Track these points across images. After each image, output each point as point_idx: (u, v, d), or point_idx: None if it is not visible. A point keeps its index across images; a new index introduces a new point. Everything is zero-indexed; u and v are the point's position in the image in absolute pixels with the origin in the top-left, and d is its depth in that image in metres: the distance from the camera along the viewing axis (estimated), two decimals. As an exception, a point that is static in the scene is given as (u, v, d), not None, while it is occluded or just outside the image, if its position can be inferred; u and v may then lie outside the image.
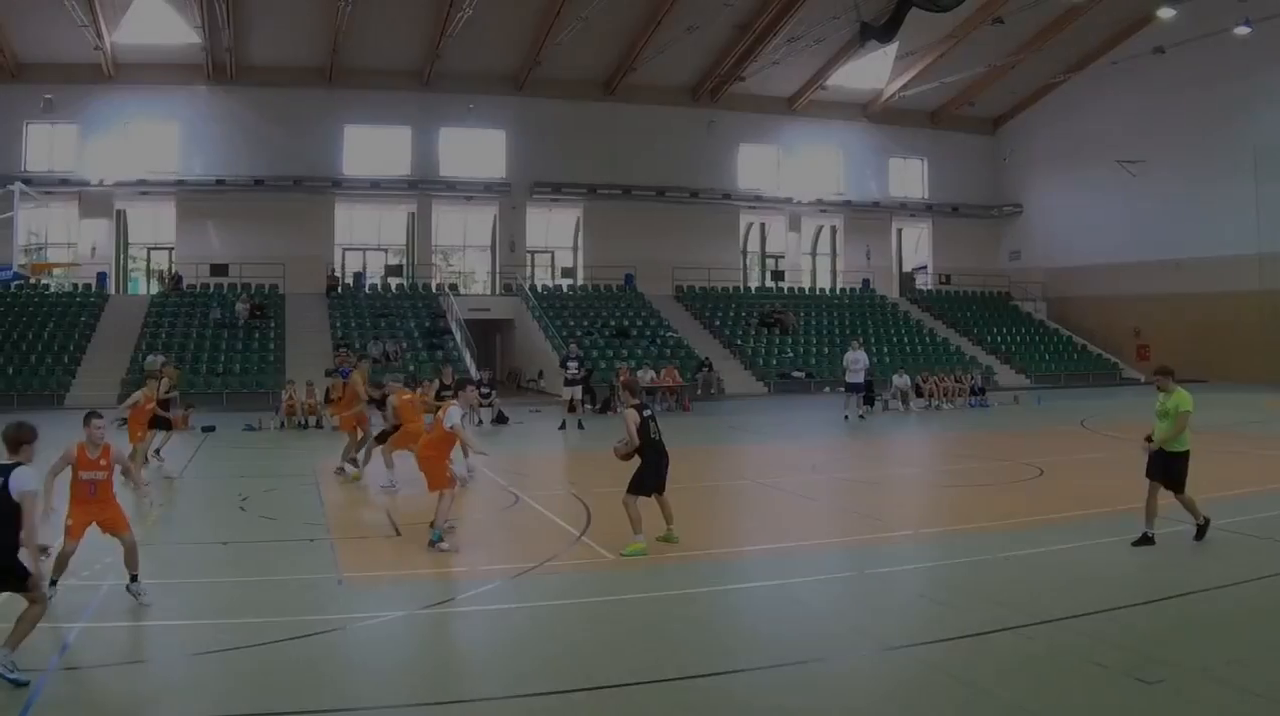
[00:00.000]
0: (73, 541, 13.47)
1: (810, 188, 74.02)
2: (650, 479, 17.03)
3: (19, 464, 11.27)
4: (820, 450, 32.87)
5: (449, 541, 16.98)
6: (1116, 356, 69.31)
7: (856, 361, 42.55)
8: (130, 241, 67.02)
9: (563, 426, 38.77)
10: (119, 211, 64.39)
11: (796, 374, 59.70)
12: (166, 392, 29.00)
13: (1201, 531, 16.72)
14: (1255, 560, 16.03)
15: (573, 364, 41.62)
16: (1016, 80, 71.09)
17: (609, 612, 13.57)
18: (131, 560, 13.68)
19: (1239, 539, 17.29)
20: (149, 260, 68.25)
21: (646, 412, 17.27)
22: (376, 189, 66.78)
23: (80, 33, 55.99)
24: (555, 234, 72.49)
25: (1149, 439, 17.00)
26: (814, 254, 78.22)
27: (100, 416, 14.23)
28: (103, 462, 13.71)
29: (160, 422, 26.76)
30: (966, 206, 77.91)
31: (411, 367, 50.70)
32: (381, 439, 24.58)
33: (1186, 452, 16.69)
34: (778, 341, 63.83)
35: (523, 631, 12.95)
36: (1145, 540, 16.51)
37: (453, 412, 17.87)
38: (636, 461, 17.10)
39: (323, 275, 63.75)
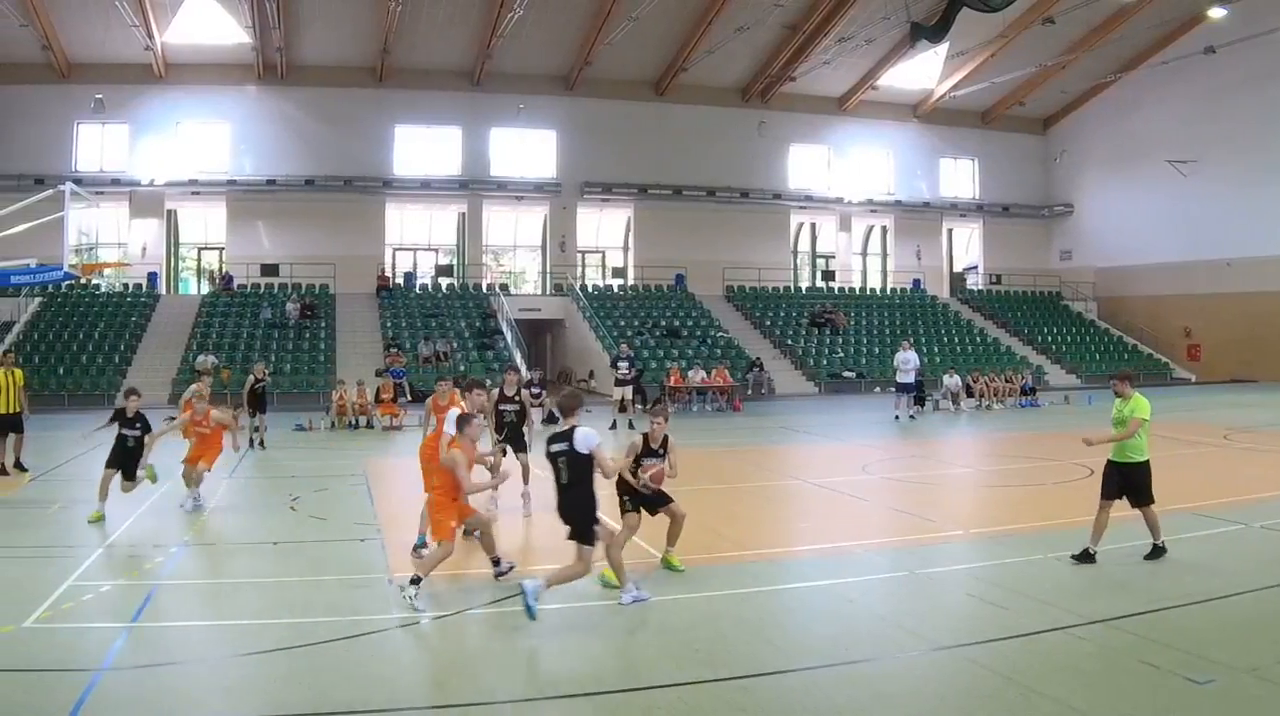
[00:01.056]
0: None
1: (861, 188, 72.16)
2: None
3: (574, 427, 13.29)
4: (871, 450, 31.64)
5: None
6: (1167, 356, 67.46)
7: (907, 361, 41.33)
8: (181, 241, 65.69)
9: (614, 426, 37.55)
10: (170, 211, 63.00)
11: (847, 374, 57.95)
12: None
13: (1157, 552, 15.51)
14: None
15: (623, 364, 40.85)
16: (1067, 80, 68.65)
17: (659, 612, 13.16)
18: None
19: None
20: (199, 260, 66.79)
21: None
22: (427, 189, 65.21)
23: (131, 32, 55.09)
24: (606, 234, 70.70)
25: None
26: (864, 254, 76.15)
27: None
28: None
29: None
30: (1017, 206, 75.78)
31: (462, 368, 49.51)
32: None
33: (1145, 463, 15.81)
34: (828, 341, 61.96)
35: (573, 631, 12.62)
36: (1086, 557, 15.25)
37: (450, 417, 16.20)
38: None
39: (373, 275, 62.24)
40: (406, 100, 63.37)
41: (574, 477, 13.26)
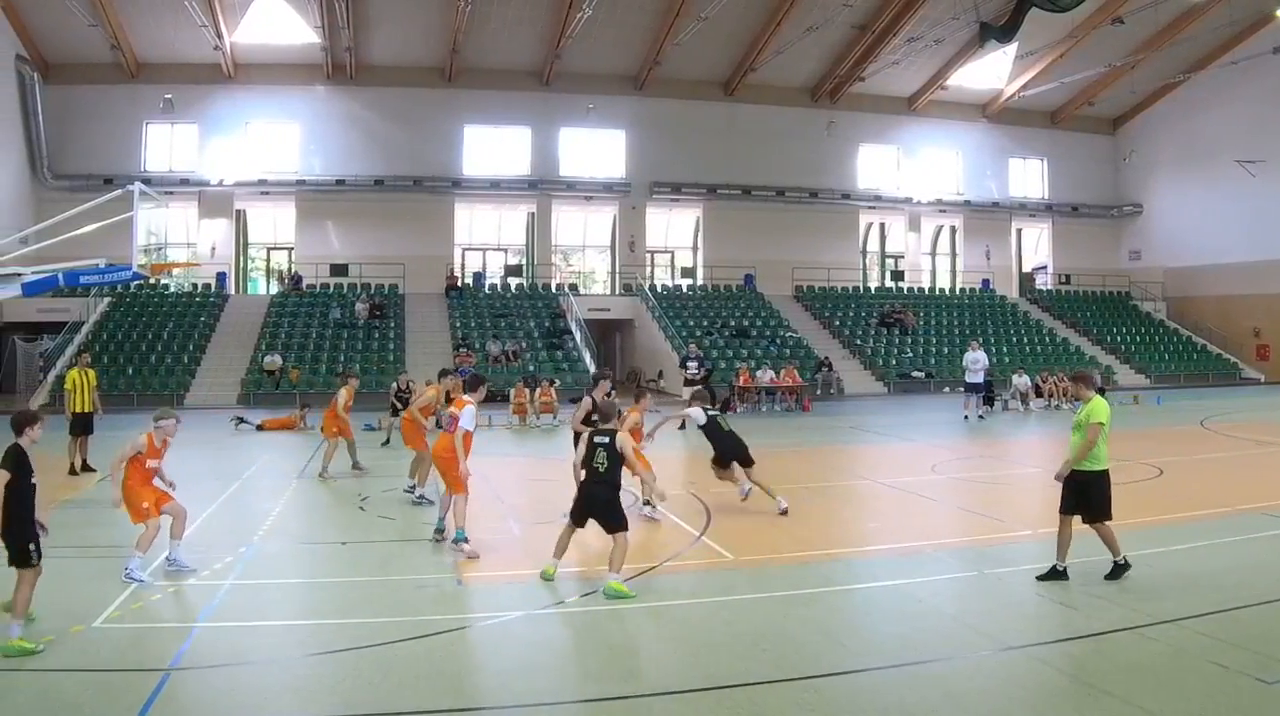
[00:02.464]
0: None
1: (930, 188, 69.65)
2: (574, 504, 14.83)
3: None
4: (940, 450, 30.61)
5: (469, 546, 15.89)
6: (1236, 356, 64.70)
7: (976, 361, 40.27)
8: (250, 241, 64.10)
9: (682, 426, 34.22)
10: (239, 211, 61.57)
11: (916, 374, 55.79)
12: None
13: (1117, 570, 13.97)
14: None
15: (692, 364, 40.22)
16: (1136, 80, 65.54)
17: (729, 613, 12.83)
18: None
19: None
20: (268, 260, 65.04)
21: (602, 441, 14.60)
22: (496, 189, 63.30)
23: (200, 33, 53.72)
24: (675, 234, 68.29)
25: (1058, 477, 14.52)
26: (933, 254, 73.37)
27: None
28: None
29: None
30: (1086, 206, 72.73)
31: (531, 367, 48.12)
32: None
33: (1103, 472, 14.27)
34: (897, 341, 59.66)
35: (642, 632, 12.44)
36: (1055, 574, 13.99)
37: (468, 413, 16.54)
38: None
39: (442, 275, 60.60)
40: (476, 100, 61.53)
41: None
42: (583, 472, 14.60)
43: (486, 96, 61.52)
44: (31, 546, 11.14)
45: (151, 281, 53.83)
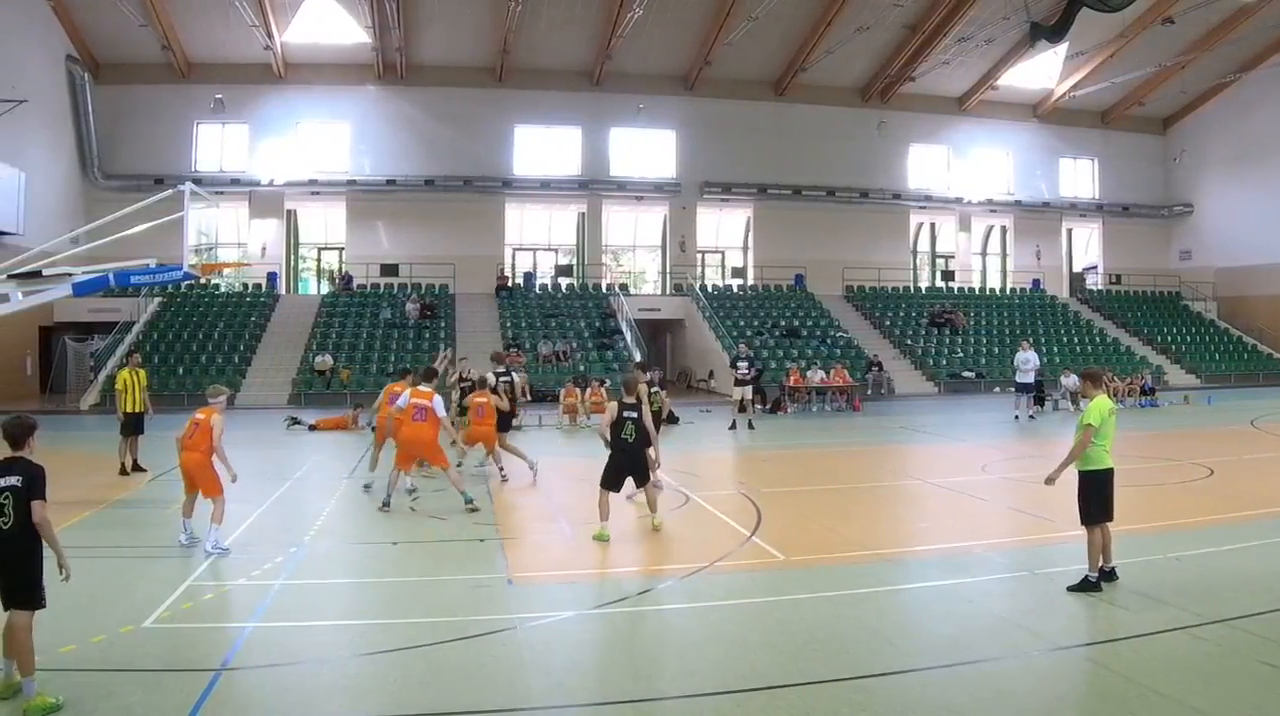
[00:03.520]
0: None
1: (980, 188, 67.52)
2: (609, 474, 17.04)
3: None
4: (990, 450, 30.09)
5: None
6: (1288, 356, 62.32)
7: (1027, 361, 39.54)
8: (300, 241, 62.63)
9: (733, 426, 35.98)
10: (289, 211, 60.46)
11: (966, 374, 54.04)
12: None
13: (1084, 584, 13.24)
14: None
15: (743, 364, 38.23)
16: (1187, 80, 63.67)
17: (780, 613, 12.55)
18: None
19: None
20: (319, 260, 63.55)
21: (630, 414, 17.05)
22: (547, 189, 61.82)
23: (250, 33, 53.11)
24: (725, 234, 66.24)
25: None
26: (984, 254, 71.37)
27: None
28: None
29: None
30: (1137, 206, 70.41)
31: (581, 368, 47.03)
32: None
33: (1093, 473, 13.50)
34: (948, 341, 57.83)
35: (693, 631, 12.14)
36: (1106, 577, 13.40)
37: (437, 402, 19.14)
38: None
39: (493, 275, 59.32)
40: (526, 100, 60.11)
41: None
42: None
43: (537, 96, 60.22)
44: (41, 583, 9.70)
45: (202, 281, 53.56)
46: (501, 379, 25.97)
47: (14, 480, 9.48)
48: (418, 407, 19.05)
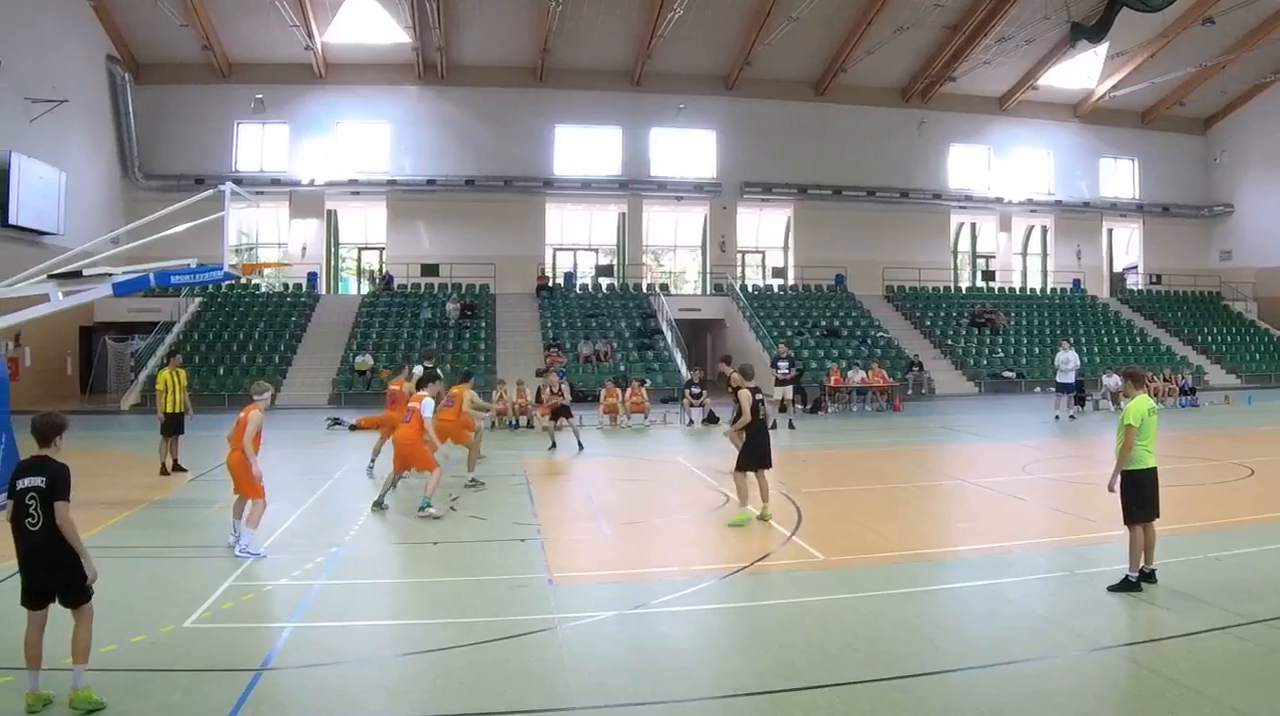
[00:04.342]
0: None
1: (1021, 188, 65.90)
2: (757, 454, 17.62)
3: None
4: (1031, 450, 29.57)
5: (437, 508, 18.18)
6: (1328, 357, 60.32)
7: (1067, 361, 38.66)
8: (341, 241, 61.51)
9: (773, 426, 33.23)
10: (330, 211, 59.30)
11: (1007, 374, 52.68)
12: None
13: (1124, 584, 12.94)
14: None
15: (783, 364, 38.39)
16: (1227, 80, 62.58)
17: (820, 613, 12.33)
18: None
19: None
20: (359, 260, 62.48)
21: (759, 396, 17.78)
22: (587, 189, 60.56)
23: (291, 33, 52.06)
24: (766, 234, 64.80)
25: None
26: (1024, 254, 69.79)
27: None
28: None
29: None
30: (1177, 206, 68.73)
31: (622, 368, 46.69)
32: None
33: (1135, 473, 13.23)
34: (988, 341, 56.33)
35: (733, 631, 12.10)
36: (1146, 578, 13.09)
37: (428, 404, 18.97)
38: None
39: (533, 275, 58.04)
40: (566, 100, 59.03)
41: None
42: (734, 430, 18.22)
43: (577, 96, 59.13)
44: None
45: (243, 281, 52.97)
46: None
47: (38, 481, 9.23)
48: (412, 410, 18.95)
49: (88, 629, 9.32)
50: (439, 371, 26.30)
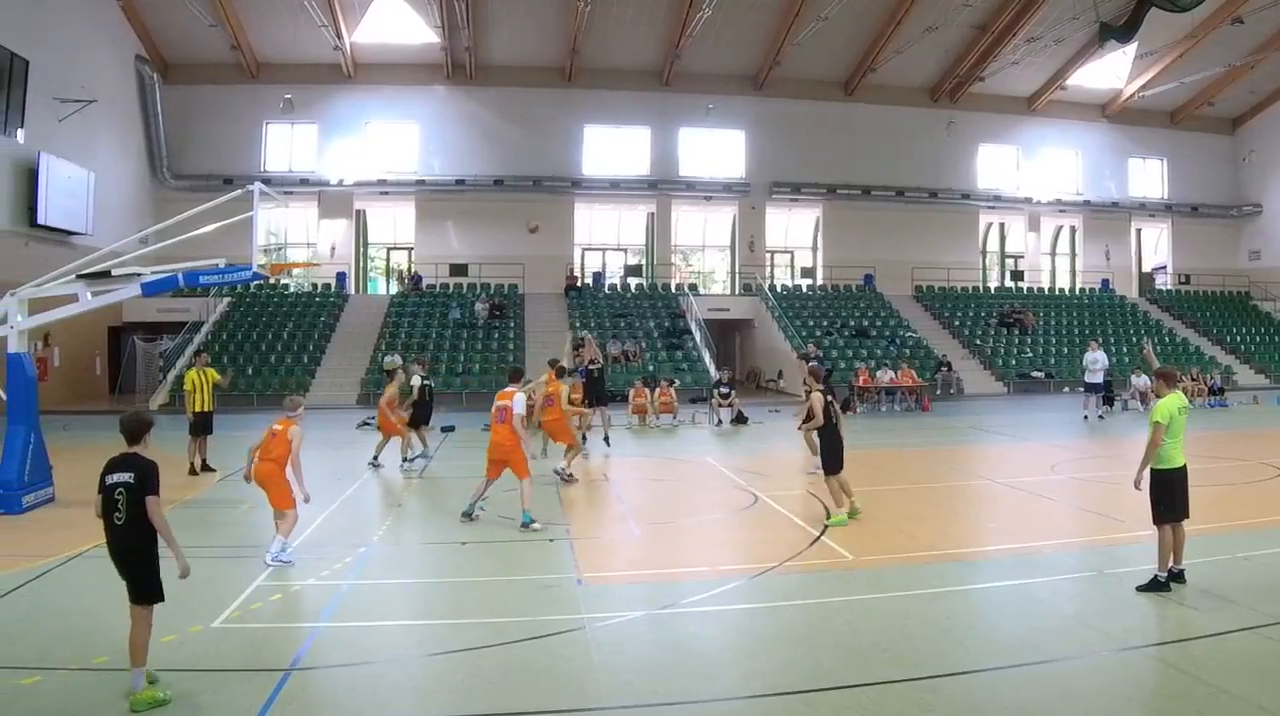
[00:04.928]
0: None
1: (1049, 188, 64.83)
2: (839, 456, 17.49)
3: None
4: (1059, 450, 29.10)
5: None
6: (1357, 358, 58.69)
7: (1095, 361, 38.47)
8: (369, 241, 60.40)
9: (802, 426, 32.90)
10: (358, 211, 58.40)
11: (1036, 374, 51.67)
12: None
13: (1153, 584, 12.81)
14: None
15: (813, 364, 35.25)
16: (1256, 80, 61.30)
17: (848, 613, 12.18)
18: None
19: None
20: (388, 260, 61.19)
21: (829, 398, 17.81)
22: (616, 189, 59.38)
23: (320, 33, 51.20)
24: (794, 234, 63.55)
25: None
26: (1053, 254, 68.56)
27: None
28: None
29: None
30: (1206, 206, 67.40)
31: (651, 368, 45.90)
32: None
33: (1163, 472, 13.02)
34: (1017, 341, 55.22)
35: (762, 631, 11.80)
36: (1175, 577, 12.95)
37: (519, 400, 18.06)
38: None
39: (562, 275, 57.04)
40: (595, 100, 58.00)
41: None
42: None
43: (606, 96, 58.11)
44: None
45: (271, 281, 51.99)
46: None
47: (128, 476, 9.40)
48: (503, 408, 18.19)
49: (146, 630, 9.41)
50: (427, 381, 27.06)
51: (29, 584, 13.19)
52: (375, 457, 24.15)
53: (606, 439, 28.49)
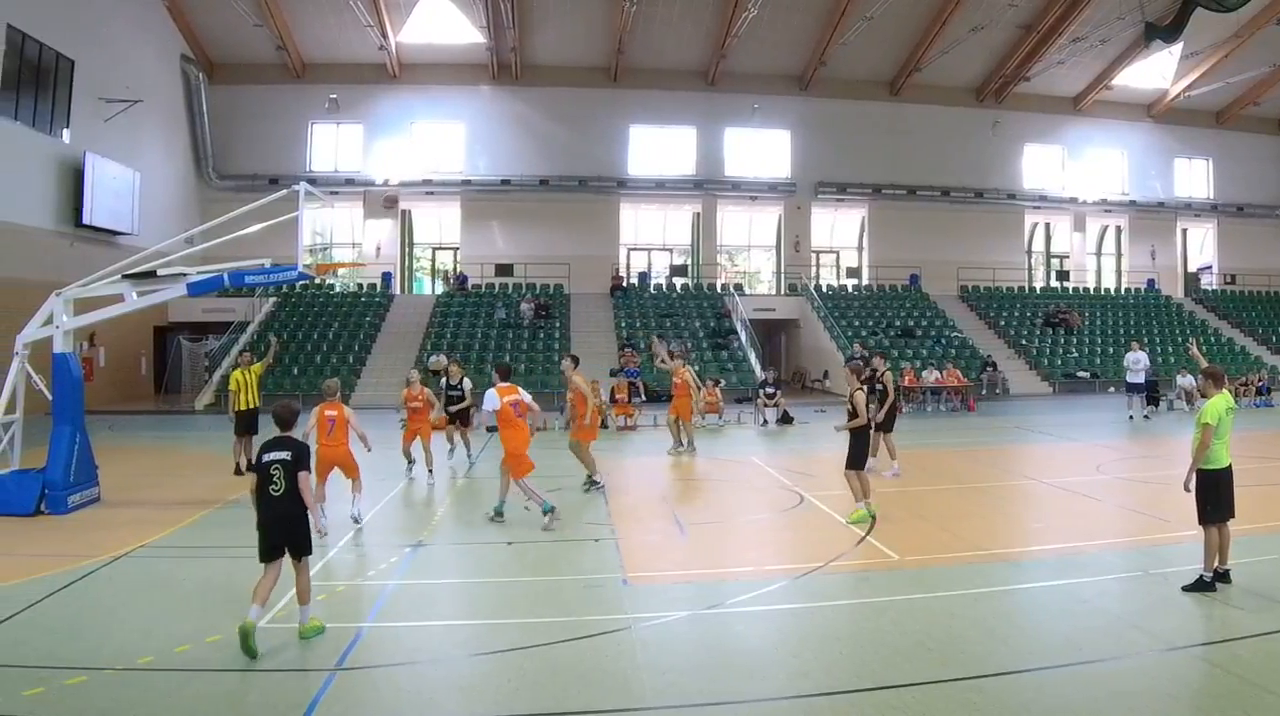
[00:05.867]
0: None
1: (1095, 188, 62.94)
2: (863, 453, 17.16)
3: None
4: (1105, 450, 28.10)
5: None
6: (1404, 356, 56.07)
7: (1137, 361, 37.57)
8: (415, 241, 58.79)
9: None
10: (404, 211, 56.79)
11: (1081, 374, 50.10)
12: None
13: (1198, 584, 12.29)
14: None
15: (854, 362, 34.21)
16: (1302, 79, 58.28)
17: (893, 613, 11.62)
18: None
19: None
20: (434, 260, 59.52)
21: (870, 393, 17.40)
22: (661, 189, 57.65)
23: (365, 33, 50.32)
24: (840, 233, 61.81)
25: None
26: (1099, 254, 66.65)
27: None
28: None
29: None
30: (1252, 206, 65.14)
31: (696, 368, 42.29)
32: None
33: (1210, 472, 12.41)
34: (1062, 341, 53.45)
35: (808, 631, 11.25)
36: (1220, 577, 12.42)
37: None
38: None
39: (608, 275, 55.39)
40: (641, 100, 56.38)
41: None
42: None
43: (651, 96, 56.45)
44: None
45: (317, 281, 51.22)
46: None
47: (285, 454, 10.60)
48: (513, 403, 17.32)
49: (307, 576, 10.84)
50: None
51: (74, 584, 12.84)
52: (430, 472, 22.45)
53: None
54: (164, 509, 18.05)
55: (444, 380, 24.59)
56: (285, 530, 10.66)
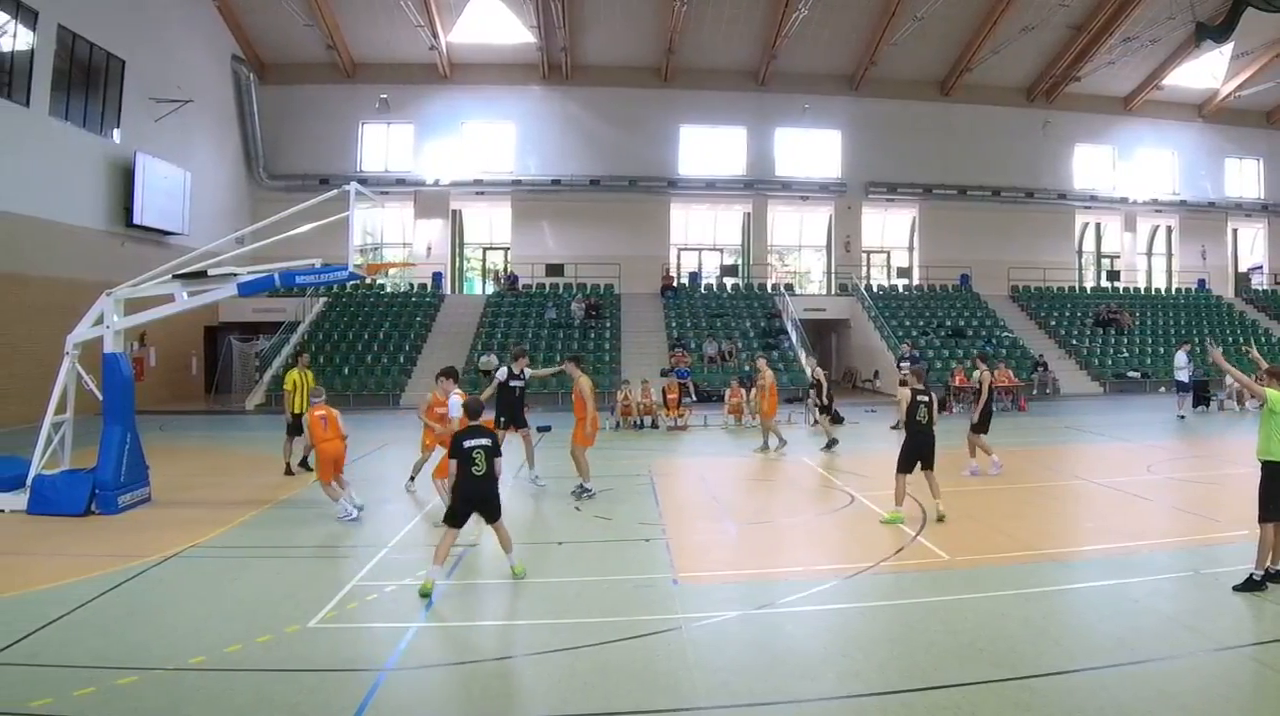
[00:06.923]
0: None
1: (1145, 188, 60.85)
2: (905, 458, 16.52)
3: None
4: (1155, 450, 27.46)
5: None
6: None
7: (1182, 362, 38.00)
8: (465, 241, 57.06)
9: (897, 426, 30.56)
10: (454, 211, 55.16)
11: (1132, 374, 48.39)
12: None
13: (1249, 584, 11.74)
14: None
15: (907, 364, 35.52)
16: (1352, 79, 55.58)
17: (944, 613, 11.34)
18: None
19: None
20: (484, 260, 57.66)
21: (924, 398, 16.70)
22: (712, 189, 55.64)
23: (415, 33, 48.83)
24: (890, 233, 59.83)
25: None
26: (1149, 254, 64.44)
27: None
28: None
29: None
30: (1303, 206, 61.69)
31: (747, 368, 42.04)
32: None
33: (1276, 465, 11.68)
34: (1113, 341, 51.46)
35: (857, 632, 11.04)
36: (1272, 577, 11.68)
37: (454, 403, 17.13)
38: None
39: (658, 275, 53.68)
40: (691, 100, 54.47)
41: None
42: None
43: (702, 96, 54.53)
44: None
45: (367, 281, 50.09)
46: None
47: (485, 441, 12.27)
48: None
49: (505, 531, 12.68)
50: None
51: (124, 584, 12.61)
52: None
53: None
54: (215, 509, 17.85)
55: (504, 370, 22.01)
56: (483, 502, 12.29)
